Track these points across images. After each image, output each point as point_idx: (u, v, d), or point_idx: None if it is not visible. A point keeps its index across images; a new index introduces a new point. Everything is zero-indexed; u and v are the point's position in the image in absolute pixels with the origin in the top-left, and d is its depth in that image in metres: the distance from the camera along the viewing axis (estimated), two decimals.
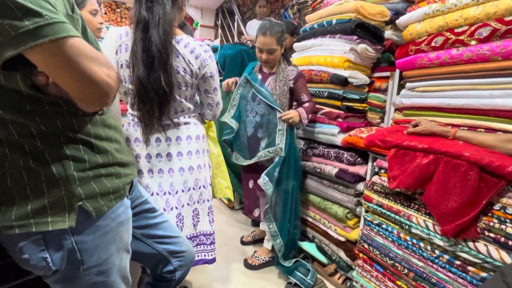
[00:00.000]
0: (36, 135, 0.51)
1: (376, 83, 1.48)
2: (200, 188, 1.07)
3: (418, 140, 1.02)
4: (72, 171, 0.53)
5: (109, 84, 0.50)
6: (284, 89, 1.46)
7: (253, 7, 4.23)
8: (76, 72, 0.46)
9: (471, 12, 0.99)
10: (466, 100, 1.04)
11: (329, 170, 1.44)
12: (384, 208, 1.17)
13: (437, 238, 0.97)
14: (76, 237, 0.55)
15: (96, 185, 0.57)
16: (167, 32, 0.88)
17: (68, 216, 0.53)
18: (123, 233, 0.64)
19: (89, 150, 0.57)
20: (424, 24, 1.13)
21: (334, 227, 1.49)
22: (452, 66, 1.07)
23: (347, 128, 1.40)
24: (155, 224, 0.83)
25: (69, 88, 0.48)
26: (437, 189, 0.93)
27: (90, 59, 0.47)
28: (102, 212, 0.58)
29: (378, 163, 1.22)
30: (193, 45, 0.97)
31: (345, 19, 1.37)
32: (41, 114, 0.51)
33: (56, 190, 0.53)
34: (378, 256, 1.21)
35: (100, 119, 0.60)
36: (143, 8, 0.86)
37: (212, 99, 1.09)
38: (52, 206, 0.52)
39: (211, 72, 1.02)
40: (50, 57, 0.43)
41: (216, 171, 1.28)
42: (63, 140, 0.53)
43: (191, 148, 1.04)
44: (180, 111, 1.03)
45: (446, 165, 0.91)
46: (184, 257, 0.89)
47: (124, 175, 0.64)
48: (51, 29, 0.41)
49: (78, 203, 0.54)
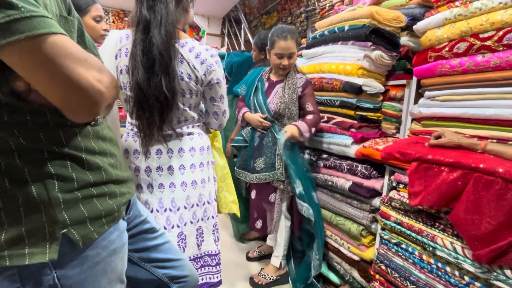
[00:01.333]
0: (14, 150, 0.43)
1: (391, 92, 1.40)
2: (204, 204, 0.99)
3: (442, 153, 0.94)
4: (56, 192, 0.46)
5: (99, 91, 0.43)
6: (293, 97, 1.41)
7: (259, 16, 4.24)
8: (59, 76, 0.39)
9: (498, 16, 0.92)
10: (495, 110, 0.96)
11: (342, 183, 1.35)
12: (403, 226, 1.08)
13: (466, 263, 0.87)
14: (58, 272, 0.47)
15: (85, 208, 0.49)
16: (170, 33, 0.81)
17: (49, 247, 0.45)
18: (117, 262, 0.56)
19: (78, 167, 0.49)
20: (444, 29, 1.07)
21: (347, 245, 1.39)
22: (478, 74, 0.99)
23: (362, 139, 1.32)
24: (154, 246, 0.74)
25: (51, 95, 0.41)
26: (467, 208, 0.83)
27: (76, 60, 0.40)
28: (91, 240, 0.49)
29: (396, 177, 1.13)
30: (199, 49, 0.90)
31: (359, 25, 1.31)
32: (21, 125, 0.43)
33: (36, 216, 0.45)
34: (397, 279, 1.10)
35: (92, 130, 0.53)
36: (144, 7, 0.81)
37: (219, 108, 1.02)
38: (30, 235, 0.44)
39: (217, 79, 0.95)
40: (26, 57, 0.36)
41: (221, 184, 1.19)
42: (47, 155, 0.46)
43: (194, 161, 0.97)
44: (184, 121, 0.96)
45: (476, 182, 0.83)
46: (186, 283, 0.80)
47: (120, 194, 0.56)
48: (28, 24, 0.35)
49: (61, 231, 0.46)
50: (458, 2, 1.05)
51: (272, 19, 3.93)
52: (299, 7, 3.19)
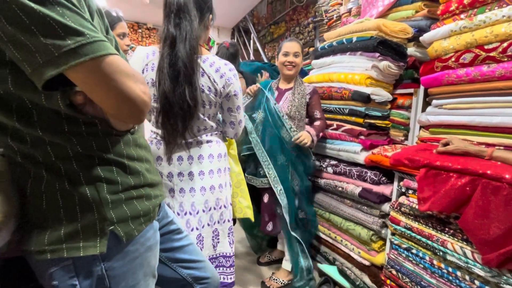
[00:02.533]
0: (72, 157, 0.50)
1: (399, 100, 1.44)
2: (221, 208, 1.05)
3: (450, 160, 0.97)
4: (105, 193, 0.52)
5: (144, 101, 0.50)
6: (302, 101, 1.50)
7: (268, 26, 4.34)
8: (115, 89, 0.45)
9: (502, 29, 0.96)
10: (501, 118, 0.99)
11: (352, 189, 1.38)
12: (413, 231, 1.10)
13: (477, 267, 0.89)
14: (106, 264, 0.53)
15: (127, 208, 0.55)
16: (194, 47, 0.89)
17: (99, 242, 0.51)
18: (151, 258, 0.62)
19: (122, 171, 0.55)
20: (450, 40, 1.11)
21: (357, 250, 1.42)
22: (484, 83, 1.03)
23: (371, 146, 1.36)
24: (180, 247, 0.80)
25: (107, 104, 0.48)
26: (475, 213, 0.86)
27: (128, 76, 0.47)
28: (132, 236, 0.55)
29: (406, 183, 1.16)
30: (219, 64, 0.98)
31: (366, 37, 1.37)
32: (77, 134, 0.50)
33: (89, 214, 0.51)
34: (408, 284, 1.12)
35: (132, 138, 0.59)
36: (171, 24, 0.88)
37: (235, 118, 1.08)
38: (84, 231, 0.51)
39: (235, 91, 1.02)
40: (90, 74, 0.43)
41: (236, 190, 1.25)
42: (97, 161, 0.52)
43: (213, 167, 1.03)
44: (203, 129, 1.03)
45: (484, 187, 0.86)
46: (209, 284, 0.85)
47: (154, 196, 0.63)
48: (92, 48, 0.42)
49: (109, 228, 0.52)
50: (463, 15, 1.10)
51: (280, 29, 4.03)
52: (307, 18, 3.27)
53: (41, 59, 0.39)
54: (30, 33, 0.38)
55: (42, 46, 0.39)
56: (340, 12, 2.48)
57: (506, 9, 0.96)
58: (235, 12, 3.96)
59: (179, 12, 0.87)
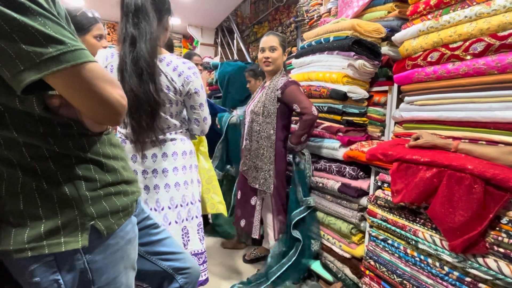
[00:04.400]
0: (48, 157, 0.52)
1: (375, 97, 1.49)
2: (188, 204, 1.07)
3: (420, 153, 1.02)
4: (84, 191, 0.55)
5: (123, 104, 0.53)
6: (271, 96, 1.46)
7: (251, 26, 4.36)
8: (94, 94, 0.48)
9: (464, 29, 1.02)
10: (465, 113, 1.05)
11: (332, 184, 1.42)
12: (389, 223, 1.15)
13: (445, 254, 0.95)
14: (88, 257, 0.55)
15: (106, 204, 0.58)
16: (154, 47, 0.91)
17: (81, 236, 0.54)
18: (131, 251, 0.65)
19: (99, 169, 0.58)
20: (419, 40, 1.16)
21: (338, 243, 1.46)
22: (449, 80, 1.09)
23: (348, 142, 1.40)
24: (158, 240, 0.82)
25: (86, 108, 0.50)
26: (442, 203, 0.91)
27: (107, 81, 0.50)
28: (112, 230, 0.58)
29: (381, 177, 1.21)
30: (176, 63, 0.99)
31: (342, 36, 1.41)
32: (53, 135, 0.52)
33: (69, 211, 0.53)
34: (385, 274, 1.17)
35: (107, 138, 0.62)
36: (130, 24, 0.90)
37: (199, 115, 1.10)
38: (65, 227, 0.53)
39: (195, 89, 1.04)
40: (71, 80, 0.46)
41: (208, 186, 1.27)
42: (75, 160, 0.55)
43: (177, 164, 1.05)
44: (166, 128, 1.05)
45: (450, 178, 0.91)
46: (190, 274, 0.88)
47: (131, 192, 0.65)
48: (73, 55, 0.44)
49: (90, 222, 0.55)
50: (430, 15, 1.15)
51: (264, 28, 4.06)
52: (289, 18, 3.32)
53: (22, 65, 0.42)
54: (11, 41, 0.40)
55: (23, 53, 0.41)
56: (320, 12, 2.54)
57: (467, 10, 1.02)
58: (218, 12, 3.96)
59: (137, 12, 0.89)
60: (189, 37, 4.98)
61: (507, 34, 0.90)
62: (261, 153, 1.47)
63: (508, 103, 0.93)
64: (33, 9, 0.41)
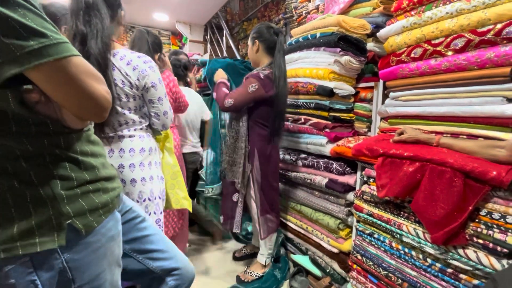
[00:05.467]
0: (20, 156, 0.50)
1: (362, 93, 1.51)
2: (145, 201, 1.06)
3: (404, 148, 1.03)
4: (59, 190, 0.53)
5: (107, 100, 0.53)
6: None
7: (241, 22, 4.33)
8: (80, 89, 0.47)
9: (446, 25, 1.03)
10: (447, 108, 1.07)
11: (319, 180, 1.43)
12: (374, 217, 1.16)
13: (427, 246, 0.97)
14: (66, 256, 0.54)
15: (84, 202, 0.57)
16: (107, 44, 0.90)
17: (57, 235, 0.52)
18: (114, 247, 0.64)
19: (76, 168, 0.57)
20: (403, 36, 1.18)
21: (326, 239, 1.47)
22: (432, 76, 1.10)
23: (335, 138, 1.41)
24: (144, 236, 0.79)
25: (70, 103, 0.49)
26: (424, 196, 0.93)
27: (91, 76, 0.49)
28: (91, 228, 0.57)
29: (367, 172, 1.23)
30: (130, 57, 0.99)
31: (328, 33, 1.41)
32: (27, 134, 0.50)
33: (44, 210, 0.52)
34: (371, 267, 1.19)
35: (85, 135, 0.60)
36: (80, 21, 0.88)
37: (158, 109, 1.09)
38: (39, 227, 0.51)
39: (152, 82, 1.03)
40: (54, 74, 0.45)
41: (172, 182, 1.27)
42: (49, 159, 0.53)
43: (134, 161, 1.04)
44: (124, 123, 1.04)
45: (431, 172, 0.93)
46: (181, 275, 0.83)
47: (111, 189, 0.64)
48: (56, 49, 0.43)
49: (67, 221, 0.53)
50: (413, 11, 1.16)
51: (253, 25, 4.03)
52: (278, 14, 3.31)
53: (0, 58, 0.40)
54: None
55: (2, 46, 0.40)
56: (308, 8, 2.53)
57: (449, 6, 1.03)
58: (207, 8, 3.91)
59: (88, 9, 0.88)
60: (178, 34, 4.91)
61: (486, 30, 0.92)
62: (236, 147, 1.51)
63: (487, 98, 0.95)
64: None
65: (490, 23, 0.92)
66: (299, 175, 1.58)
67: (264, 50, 1.47)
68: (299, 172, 1.59)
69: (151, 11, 4.12)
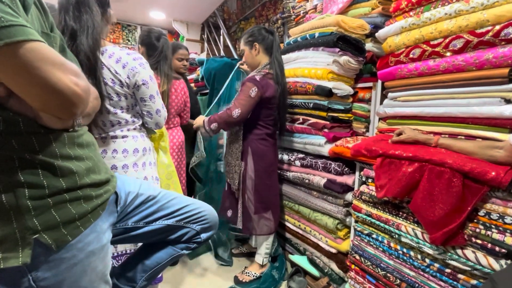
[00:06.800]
0: None
1: (360, 94, 1.51)
2: None
3: (402, 148, 1.04)
4: (25, 200, 0.47)
5: (75, 92, 0.45)
6: (238, 93, 1.51)
7: (238, 22, 4.31)
8: (37, 78, 0.41)
9: (444, 25, 1.03)
10: (445, 109, 1.07)
11: (318, 180, 1.43)
12: (373, 217, 1.17)
13: (426, 246, 0.97)
14: (34, 274, 0.49)
15: (57, 214, 0.50)
16: (97, 40, 0.89)
17: (21, 252, 0.46)
18: (96, 263, 0.57)
19: (50, 174, 0.50)
20: (401, 37, 1.18)
21: (325, 239, 1.47)
22: (430, 76, 1.11)
23: (334, 138, 1.41)
24: (160, 207, 0.78)
25: (29, 96, 0.43)
26: (423, 197, 0.93)
27: (53, 64, 0.42)
28: (65, 242, 0.51)
29: (365, 172, 1.23)
30: (119, 55, 0.97)
31: (327, 33, 1.41)
32: None
33: (7, 223, 0.46)
34: (370, 267, 1.19)
35: (68, 136, 0.54)
36: (70, 17, 0.87)
37: (150, 107, 1.07)
38: (2, 241, 0.46)
39: (143, 80, 1.01)
40: (6, 61, 0.39)
41: (167, 182, 1.26)
42: (18, 163, 0.47)
43: (127, 162, 1.03)
44: (117, 123, 1.02)
45: (430, 172, 0.93)
46: (205, 218, 0.85)
47: (96, 196, 0.58)
48: (7, 32, 0.37)
49: (33, 236, 0.47)
50: (412, 12, 1.17)
51: (250, 25, 4.02)
52: (276, 14, 3.30)
53: None
54: None
55: None
56: (306, 8, 2.53)
57: (447, 7, 1.03)
58: (204, 7, 3.88)
59: (78, 5, 0.87)
60: (175, 32, 4.88)
61: (485, 31, 0.92)
62: (231, 149, 1.53)
63: (485, 99, 0.95)
64: None
65: (488, 24, 0.92)
66: (297, 175, 1.57)
67: (264, 51, 1.51)
68: (297, 172, 1.59)
69: (147, 9, 4.08)
